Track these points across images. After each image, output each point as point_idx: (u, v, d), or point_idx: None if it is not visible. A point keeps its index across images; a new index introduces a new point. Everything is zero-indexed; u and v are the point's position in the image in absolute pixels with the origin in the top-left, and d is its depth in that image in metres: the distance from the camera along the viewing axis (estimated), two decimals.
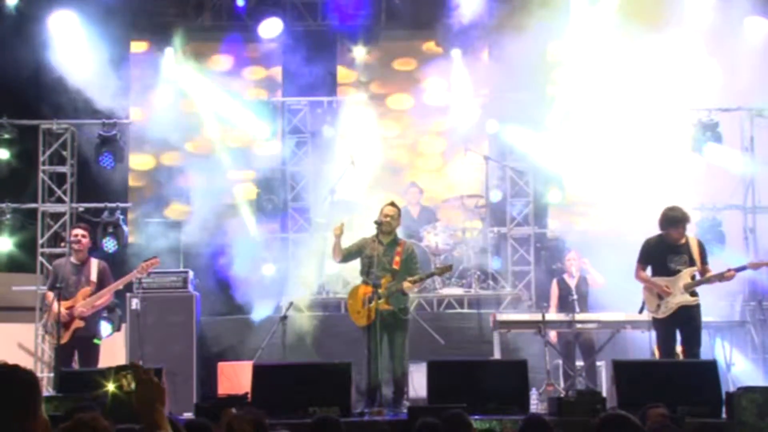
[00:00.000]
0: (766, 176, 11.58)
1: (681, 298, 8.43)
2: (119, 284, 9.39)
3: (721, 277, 8.51)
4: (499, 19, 12.50)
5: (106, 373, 2.93)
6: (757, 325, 11.04)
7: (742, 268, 8.65)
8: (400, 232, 9.32)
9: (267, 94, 13.18)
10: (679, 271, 8.46)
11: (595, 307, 10.31)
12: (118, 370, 2.92)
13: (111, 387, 2.90)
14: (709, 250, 10.80)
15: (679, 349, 8.61)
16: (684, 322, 8.45)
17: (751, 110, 11.72)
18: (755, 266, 8.76)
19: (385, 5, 13.01)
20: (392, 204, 8.95)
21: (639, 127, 12.27)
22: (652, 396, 6.56)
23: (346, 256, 8.92)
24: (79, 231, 9.39)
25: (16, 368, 2.72)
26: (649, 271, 8.67)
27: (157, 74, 12.83)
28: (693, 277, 8.48)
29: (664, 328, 8.52)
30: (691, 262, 8.48)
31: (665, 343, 8.49)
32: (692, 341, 8.42)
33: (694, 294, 8.45)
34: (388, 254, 8.60)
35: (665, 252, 8.54)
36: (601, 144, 12.15)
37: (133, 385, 2.88)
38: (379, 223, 8.66)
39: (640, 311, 8.77)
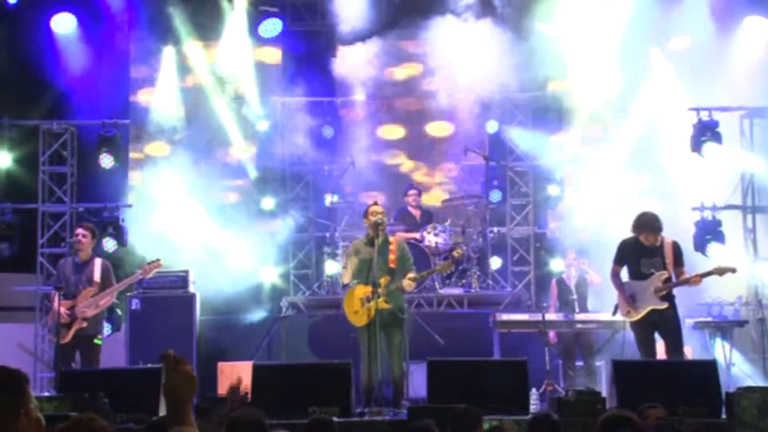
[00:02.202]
0: (766, 176, 11.58)
1: (650, 303, 8.44)
2: (122, 285, 9.40)
3: (688, 282, 8.46)
4: (499, 17, 12.53)
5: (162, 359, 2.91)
6: (757, 325, 11.04)
7: (708, 274, 8.55)
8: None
9: (267, 94, 13.16)
10: (650, 274, 8.47)
11: (595, 307, 10.31)
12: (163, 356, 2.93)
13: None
14: (709, 250, 10.88)
15: (661, 350, 8.62)
16: (660, 324, 8.46)
17: (751, 110, 11.72)
18: (720, 272, 8.63)
19: (384, 5, 12.99)
20: (376, 203, 8.99)
21: (639, 126, 12.28)
22: (652, 396, 6.54)
23: (354, 274, 8.85)
24: (80, 230, 9.36)
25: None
26: (625, 271, 8.70)
27: (156, 74, 12.86)
28: (665, 281, 8.48)
29: (640, 329, 8.54)
30: (665, 266, 8.48)
31: (643, 345, 8.49)
32: (673, 343, 8.42)
33: (664, 298, 8.43)
34: (383, 254, 8.58)
35: (639, 254, 8.57)
36: (600, 143, 12.16)
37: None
38: (380, 223, 8.67)
39: (614, 313, 8.80)
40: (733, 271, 8.66)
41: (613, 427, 3.64)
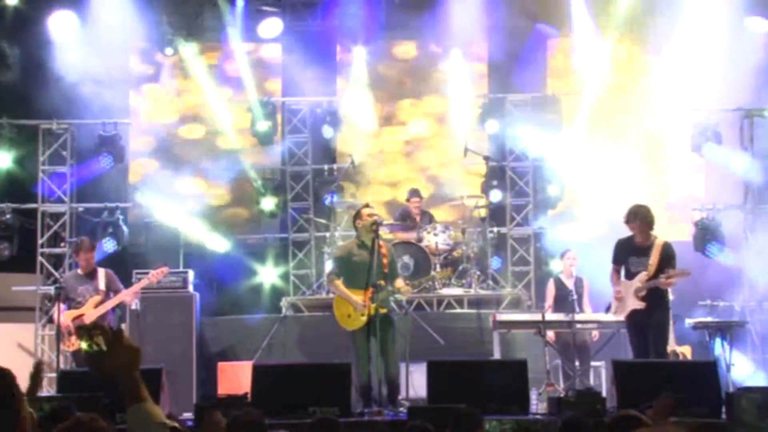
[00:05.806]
0: (766, 176, 11.58)
1: (631, 303, 8.48)
2: (129, 293, 9.46)
3: (658, 283, 8.39)
4: (498, 18, 12.53)
5: (80, 331, 2.80)
6: (757, 325, 11.04)
7: (672, 276, 8.36)
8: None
9: (267, 94, 13.14)
10: (637, 274, 8.48)
11: (595, 307, 10.30)
12: (91, 329, 2.71)
13: (84, 345, 2.71)
14: (709, 250, 10.88)
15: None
16: (647, 327, 8.47)
17: (750, 110, 11.72)
18: (680, 274, 8.44)
19: (384, 5, 12.98)
20: (368, 205, 8.98)
21: (639, 126, 12.29)
22: (652, 396, 6.54)
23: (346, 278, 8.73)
24: (85, 255, 9.43)
25: None
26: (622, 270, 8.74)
27: (156, 74, 12.86)
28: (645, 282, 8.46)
29: (629, 328, 8.65)
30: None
31: (633, 343, 8.56)
32: (656, 341, 8.44)
33: (646, 299, 8.41)
34: (378, 258, 8.52)
35: (629, 253, 8.61)
36: (601, 144, 12.16)
37: (104, 347, 2.69)
38: (380, 224, 8.66)
39: (606, 311, 8.96)
40: (688, 274, 8.54)
41: (624, 427, 3.65)
